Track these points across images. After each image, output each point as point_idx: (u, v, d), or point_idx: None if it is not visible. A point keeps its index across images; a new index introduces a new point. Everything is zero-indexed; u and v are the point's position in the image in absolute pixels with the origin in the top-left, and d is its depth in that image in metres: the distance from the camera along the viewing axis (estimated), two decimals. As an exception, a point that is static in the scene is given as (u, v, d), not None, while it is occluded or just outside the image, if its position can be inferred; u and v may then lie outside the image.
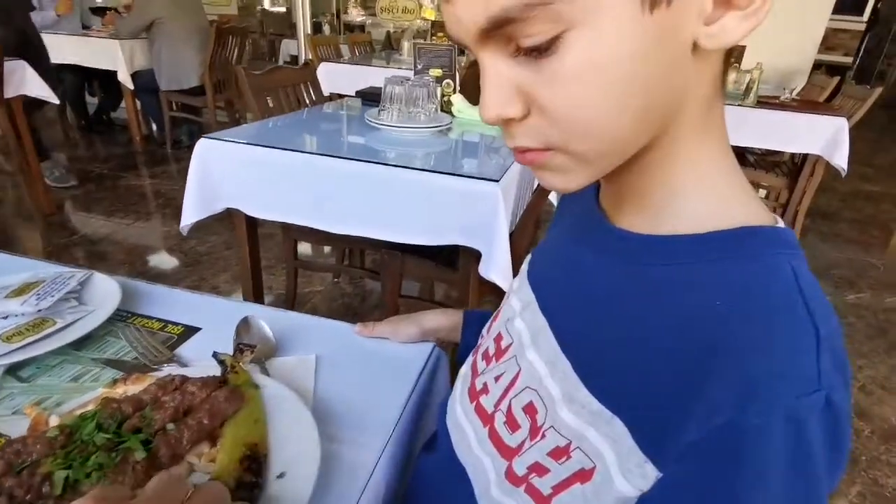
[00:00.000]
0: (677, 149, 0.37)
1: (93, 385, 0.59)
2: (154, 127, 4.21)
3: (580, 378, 0.39)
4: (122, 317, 0.71)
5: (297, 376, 0.62)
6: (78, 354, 0.63)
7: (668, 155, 0.37)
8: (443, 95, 1.83)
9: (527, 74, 0.32)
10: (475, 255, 1.37)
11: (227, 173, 1.49)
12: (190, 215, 1.53)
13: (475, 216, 1.30)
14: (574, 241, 0.47)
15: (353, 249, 2.26)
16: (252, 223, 1.67)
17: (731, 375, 0.30)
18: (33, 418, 0.49)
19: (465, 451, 0.49)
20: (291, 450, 0.49)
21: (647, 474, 0.33)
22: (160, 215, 3.01)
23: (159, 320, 0.71)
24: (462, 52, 2.42)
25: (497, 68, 0.33)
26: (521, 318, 0.49)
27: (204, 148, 1.47)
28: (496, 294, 1.46)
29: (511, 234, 1.30)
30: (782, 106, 2.72)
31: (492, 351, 0.52)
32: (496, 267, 1.30)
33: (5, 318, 0.64)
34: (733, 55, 0.37)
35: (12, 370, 0.60)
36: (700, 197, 0.37)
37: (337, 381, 0.63)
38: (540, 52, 0.30)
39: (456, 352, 0.74)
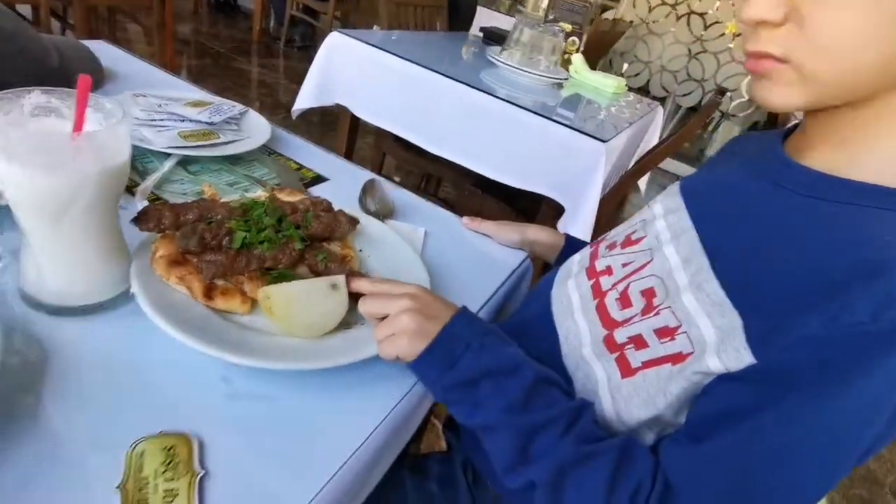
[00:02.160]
0: (887, 111, 0.39)
1: (246, 194, 0.68)
2: (273, 21, 4.36)
3: (714, 273, 0.43)
4: (268, 152, 0.80)
5: (408, 239, 0.70)
6: (233, 168, 0.74)
7: (886, 110, 0.39)
8: (565, 51, 1.83)
9: None
10: (556, 211, 1.39)
11: (346, 70, 1.56)
12: (304, 101, 1.63)
13: (572, 171, 1.32)
14: (743, 172, 0.50)
15: (428, 180, 2.33)
16: (354, 124, 1.75)
17: (877, 288, 0.34)
18: (210, 195, 0.58)
19: (565, 317, 0.55)
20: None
21: (742, 359, 0.38)
22: (259, 103, 3.17)
23: (297, 163, 0.80)
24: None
25: None
26: (663, 220, 0.53)
27: (334, 41, 1.54)
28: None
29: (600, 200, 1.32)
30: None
31: (620, 241, 0.56)
32: (578, 225, 1.32)
33: (182, 121, 0.74)
34: None
35: (183, 163, 0.70)
36: None
37: (437, 258, 0.70)
38: None
39: (542, 272, 0.80)
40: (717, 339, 0.40)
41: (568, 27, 1.80)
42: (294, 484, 0.39)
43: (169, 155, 0.69)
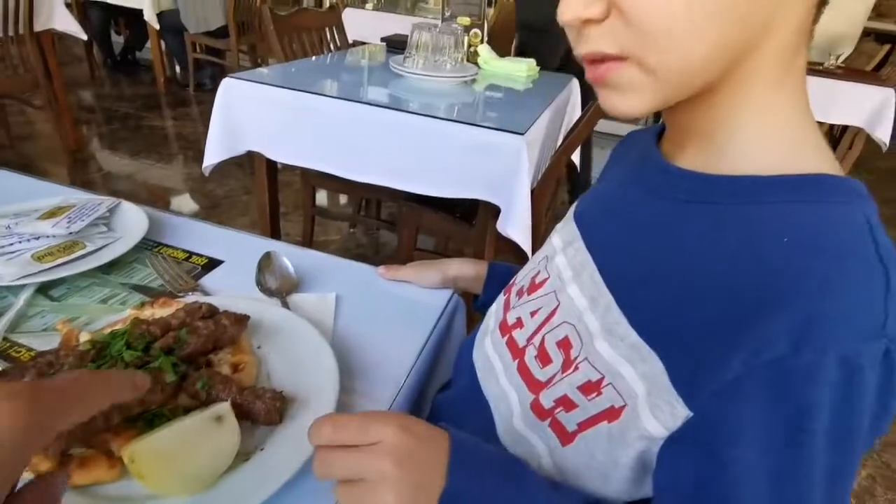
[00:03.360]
0: (750, 90, 0.36)
1: (121, 308, 0.60)
2: (178, 69, 4.18)
3: (622, 311, 0.38)
4: (149, 246, 0.72)
5: (317, 313, 0.63)
6: (106, 278, 0.65)
7: (739, 95, 0.36)
8: (469, 45, 1.78)
9: None
10: (494, 211, 1.35)
11: (249, 115, 1.48)
12: (212, 156, 1.54)
13: (497, 170, 1.28)
14: (628, 183, 0.46)
15: (369, 200, 2.26)
16: (272, 167, 1.67)
17: (789, 312, 0.30)
18: (65, 334, 0.51)
19: (491, 384, 0.50)
20: (312, 380, 0.51)
21: (677, 413, 0.33)
22: (182, 157, 3.03)
23: (184, 251, 0.72)
24: (491, 3, 2.32)
25: None
26: (562, 255, 0.49)
27: (228, 87, 1.45)
28: (512, 252, 1.46)
29: (532, 191, 1.28)
30: (826, 73, 2.59)
31: (526, 286, 0.52)
32: (515, 223, 1.29)
33: (37, 238, 0.65)
34: (825, 5, 0.35)
35: (43, 289, 0.62)
36: (769, 141, 0.36)
37: (356, 321, 0.64)
38: None
39: (474, 301, 0.75)
40: (646, 390, 0.35)
41: (467, 21, 1.75)
42: None
43: (24, 286, 0.60)
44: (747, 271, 0.33)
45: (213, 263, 0.71)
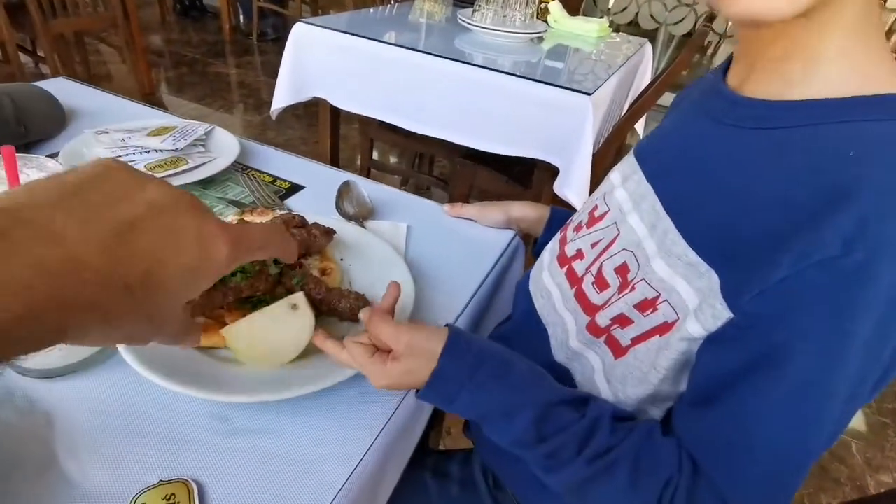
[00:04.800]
0: (842, 16, 0.36)
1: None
2: (242, 17, 4.26)
3: (681, 234, 0.41)
4: (239, 168, 0.79)
5: (391, 238, 0.68)
6: (205, 192, 0.72)
7: (832, 20, 0.37)
8: (540, 2, 1.75)
9: None
10: (551, 173, 1.36)
11: (318, 61, 1.53)
12: (280, 99, 1.60)
13: (560, 130, 1.28)
14: (692, 116, 0.48)
15: (423, 156, 2.30)
16: (335, 115, 1.72)
17: (844, 215, 0.32)
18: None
19: (549, 312, 0.54)
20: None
21: (719, 315, 0.37)
22: (242, 105, 3.13)
23: (270, 175, 0.79)
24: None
25: None
26: (622, 188, 0.52)
27: (299, 33, 1.50)
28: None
29: (593, 156, 1.28)
30: None
31: (585, 220, 0.55)
32: (573, 185, 1.29)
33: (147, 152, 0.73)
34: None
35: (154, 196, 0.69)
36: (848, 66, 0.37)
37: (423, 251, 0.69)
38: None
39: (533, 245, 0.78)
40: (698, 302, 0.38)
41: (538, -23, 1.72)
42: (297, 514, 0.39)
43: (138, 190, 0.68)
44: (806, 184, 0.35)
45: (295, 188, 0.77)
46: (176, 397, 0.44)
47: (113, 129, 0.77)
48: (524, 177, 1.58)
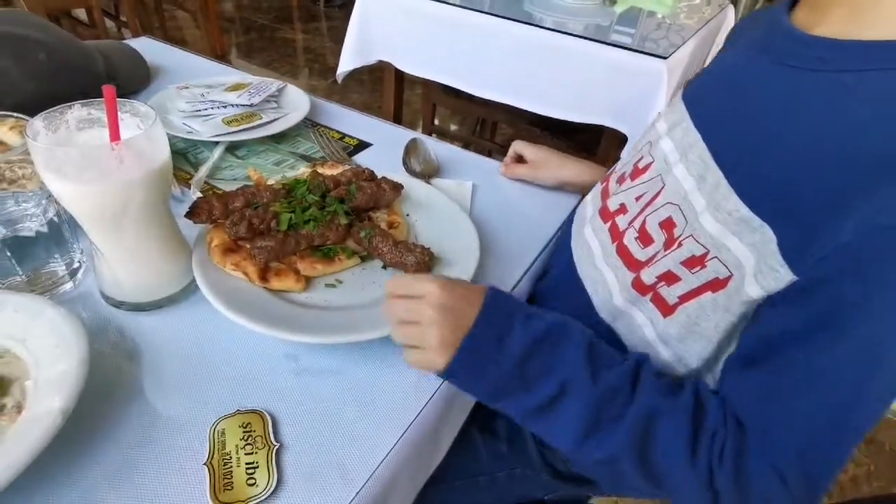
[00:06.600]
0: None
1: (290, 171, 0.69)
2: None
3: (731, 187, 0.38)
4: (309, 125, 0.81)
5: (456, 195, 0.68)
6: (277, 146, 0.75)
7: None
8: (616, -39, 1.64)
9: None
10: (619, 141, 1.31)
11: (384, 23, 1.52)
12: (347, 63, 1.61)
13: (631, 96, 1.22)
14: (751, 55, 0.44)
15: (484, 122, 2.26)
16: (400, 79, 1.72)
17: None
18: (256, 179, 0.60)
19: (587, 267, 0.52)
20: (455, 245, 0.56)
21: (780, 277, 0.34)
22: (307, 70, 3.18)
23: (338, 132, 0.80)
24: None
25: None
26: (668, 138, 0.48)
27: (367, -6, 1.49)
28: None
29: (666, 121, 1.21)
30: None
31: (629, 172, 0.52)
32: (642, 153, 1.24)
33: (225, 107, 0.75)
34: None
35: (230, 149, 0.72)
36: None
37: (487, 209, 0.68)
38: None
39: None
40: (755, 260, 0.36)
41: (616, -69, 1.61)
42: (362, 449, 0.41)
43: (217, 143, 0.71)
44: (874, 139, 0.32)
45: (362, 145, 0.78)
46: (251, 336, 0.47)
47: (193, 84, 0.81)
48: (591, 144, 1.52)
